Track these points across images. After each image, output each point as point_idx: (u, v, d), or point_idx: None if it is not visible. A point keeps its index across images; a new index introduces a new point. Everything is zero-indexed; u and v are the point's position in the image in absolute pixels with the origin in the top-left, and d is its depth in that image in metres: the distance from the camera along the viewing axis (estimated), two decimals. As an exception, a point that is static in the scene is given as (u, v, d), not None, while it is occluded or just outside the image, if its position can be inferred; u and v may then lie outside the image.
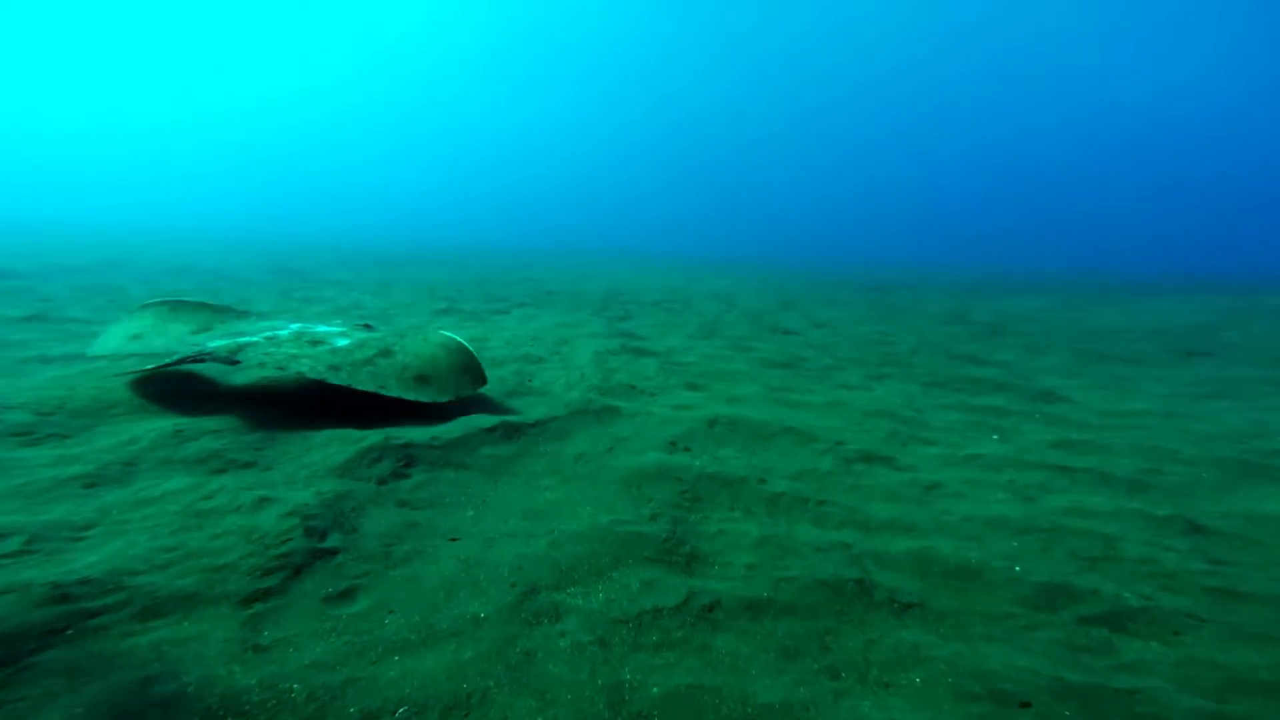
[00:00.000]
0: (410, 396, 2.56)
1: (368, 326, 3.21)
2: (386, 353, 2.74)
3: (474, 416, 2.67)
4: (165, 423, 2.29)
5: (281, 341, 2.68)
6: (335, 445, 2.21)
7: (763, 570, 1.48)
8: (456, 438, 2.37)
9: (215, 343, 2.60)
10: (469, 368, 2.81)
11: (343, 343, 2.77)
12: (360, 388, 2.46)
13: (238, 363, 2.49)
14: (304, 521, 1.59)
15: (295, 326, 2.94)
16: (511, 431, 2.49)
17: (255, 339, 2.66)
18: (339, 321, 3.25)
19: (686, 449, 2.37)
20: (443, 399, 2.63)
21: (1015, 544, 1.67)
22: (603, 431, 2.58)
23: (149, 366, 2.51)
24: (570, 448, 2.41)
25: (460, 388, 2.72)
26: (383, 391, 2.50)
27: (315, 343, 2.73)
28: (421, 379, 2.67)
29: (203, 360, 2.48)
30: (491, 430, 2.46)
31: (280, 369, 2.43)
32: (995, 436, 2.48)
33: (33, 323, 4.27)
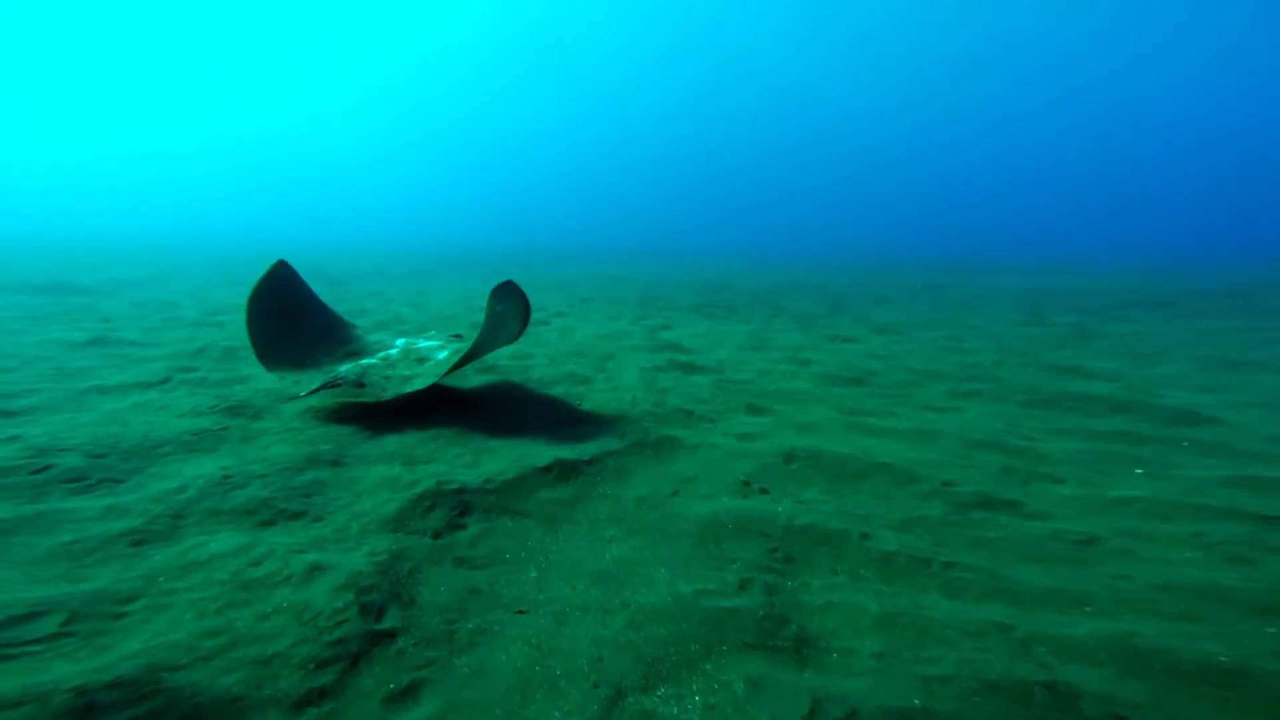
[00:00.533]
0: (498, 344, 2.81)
1: (458, 337, 3.47)
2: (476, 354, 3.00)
3: (527, 451, 2.53)
4: (213, 465, 2.23)
5: (394, 362, 3.04)
6: (385, 491, 2.10)
7: (899, 663, 1.25)
8: (511, 479, 2.22)
9: (343, 367, 3.02)
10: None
11: (443, 355, 3.09)
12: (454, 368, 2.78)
13: (364, 386, 2.83)
14: (359, 597, 1.45)
15: (401, 343, 3.29)
16: (567, 471, 2.33)
17: (373, 360, 3.05)
18: (434, 333, 3.55)
19: (763, 491, 2.15)
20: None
21: (1273, 630, 1.30)
22: (664, 469, 2.39)
23: (303, 393, 2.82)
24: (631, 489, 2.23)
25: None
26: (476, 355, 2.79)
27: (421, 359, 3.08)
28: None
29: (337, 385, 2.84)
30: (547, 470, 2.30)
31: (400, 392, 2.76)
32: (1139, 471, 2.16)
33: (92, 347, 4.40)
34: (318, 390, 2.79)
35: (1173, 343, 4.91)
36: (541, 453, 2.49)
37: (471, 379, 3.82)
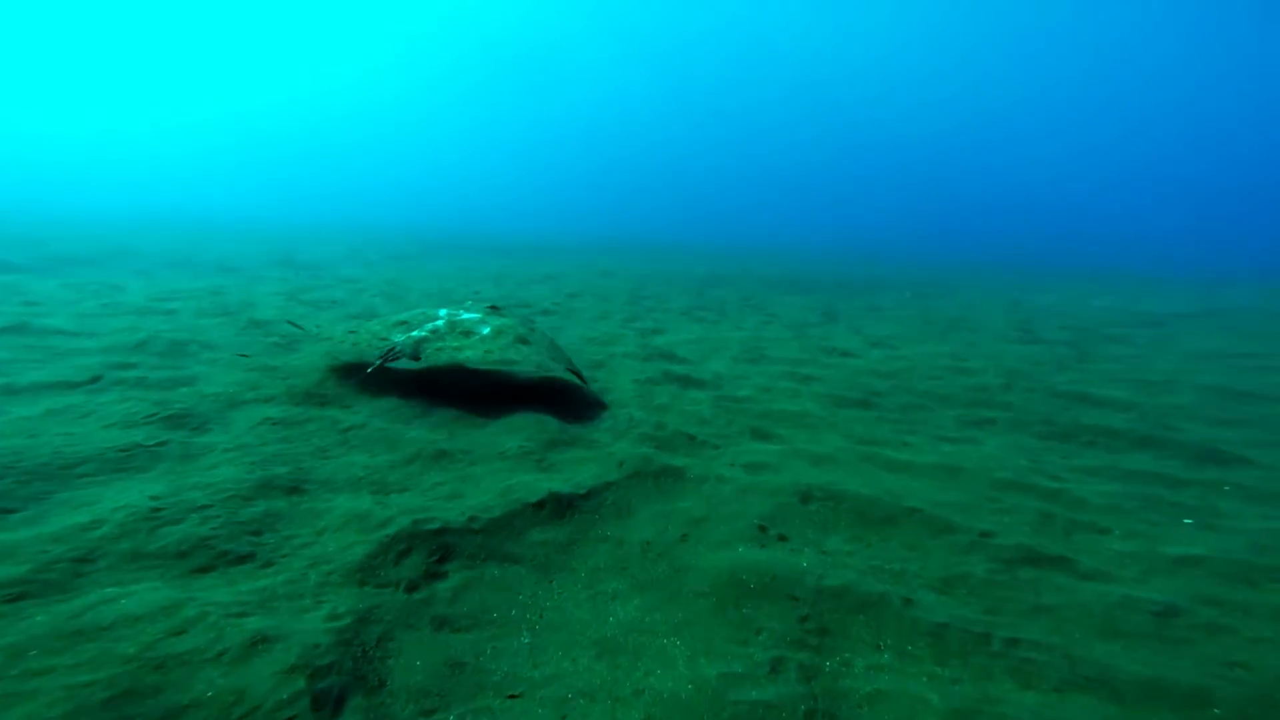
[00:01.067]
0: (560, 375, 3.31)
1: (494, 309, 3.67)
2: (524, 340, 3.32)
3: (515, 480, 2.29)
4: (141, 493, 1.92)
5: (443, 334, 3.28)
6: (352, 531, 1.83)
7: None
8: (498, 517, 1.98)
9: (398, 337, 3.23)
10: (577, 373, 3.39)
11: (486, 330, 3.34)
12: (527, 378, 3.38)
13: (419, 358, 3.09)
14: (313, 682, 1.20)
15: (444, 313, 3.52)
16: (562, 507, 2.10)
17: (423, 333, 3.26)
18: (470, 303, 3.76)
19: (781, 538, 1.96)
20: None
21: None
22: (669, 506, 2.18)
23: (369, 370, 3.15)
24: (634, 531, 2.01)
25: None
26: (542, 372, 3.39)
27: (467, 333, 3.31)
28: (555, 358, 3.29)
29: (397, 358, 3.07)
30: (539, 506, 2.07)
31: (451, 362, 3.19)
32: (1188, 521, 2.03)
33: (10, 335, 3.96)
34: (380, 363, 3.05)
35: (1171, 368, 4.91)
36: (532, 483, 2.25)
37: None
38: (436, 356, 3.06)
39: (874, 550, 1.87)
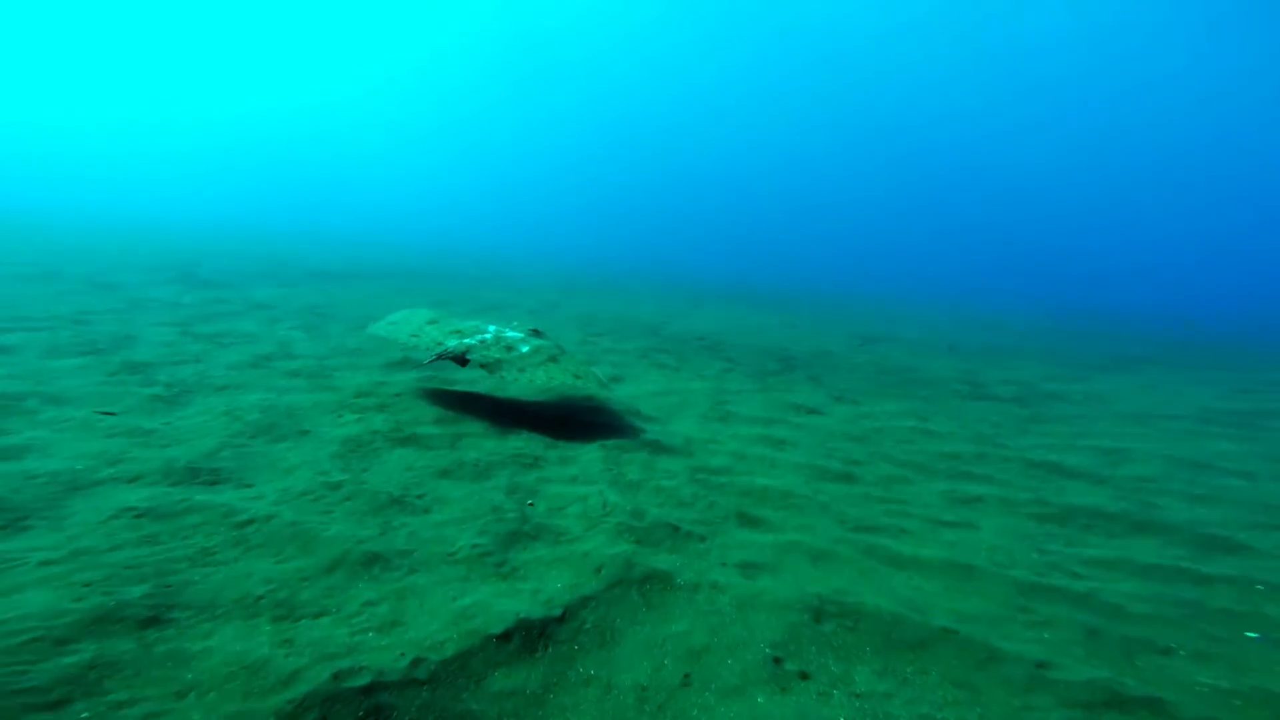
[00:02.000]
0: (588, 390, 3.74)
1: (536, 333, 4.20)
2: (555, 358, 3.83)
3: (470, 595, 1.89)
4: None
5: (489, 345, 3.82)
6: (234, 697, 1.38)
7: None
8: (451, 658, 1.59)
9: (451, 342, 3.83)
10: (603, 383, 3.89)
11: (525, 349, 3.85)
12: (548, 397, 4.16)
13: (467, 361, 3.66)
14: None
15: (492, 329, 4.09)
16: (532, 636, 1.72)
17: (472, 342, 3.83)
18: (517, 324, 4.31)
19: (803, 675, 1.68)
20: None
21: None
22: (661, 630, 1.85)
23: (425, 362, 3.78)
24: (624, 669, 1.67)
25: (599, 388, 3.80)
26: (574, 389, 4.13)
27: (509, 348, 3.83)
28: (577, 375, 3.73)
29: (447, 358, 3.65)
30: (505, 638, 1.68)
31: (489, 367, 3.61)
32: (1254, 635, 1.92)
33: None
34: (434, 361, 3.67)
35: (1118, 431, 5.17)
36: (493, 601, 1.86)
37: (386, 451, 3.08)
38: (482, 359, 3.66)
39: (914, 689, 1.62)
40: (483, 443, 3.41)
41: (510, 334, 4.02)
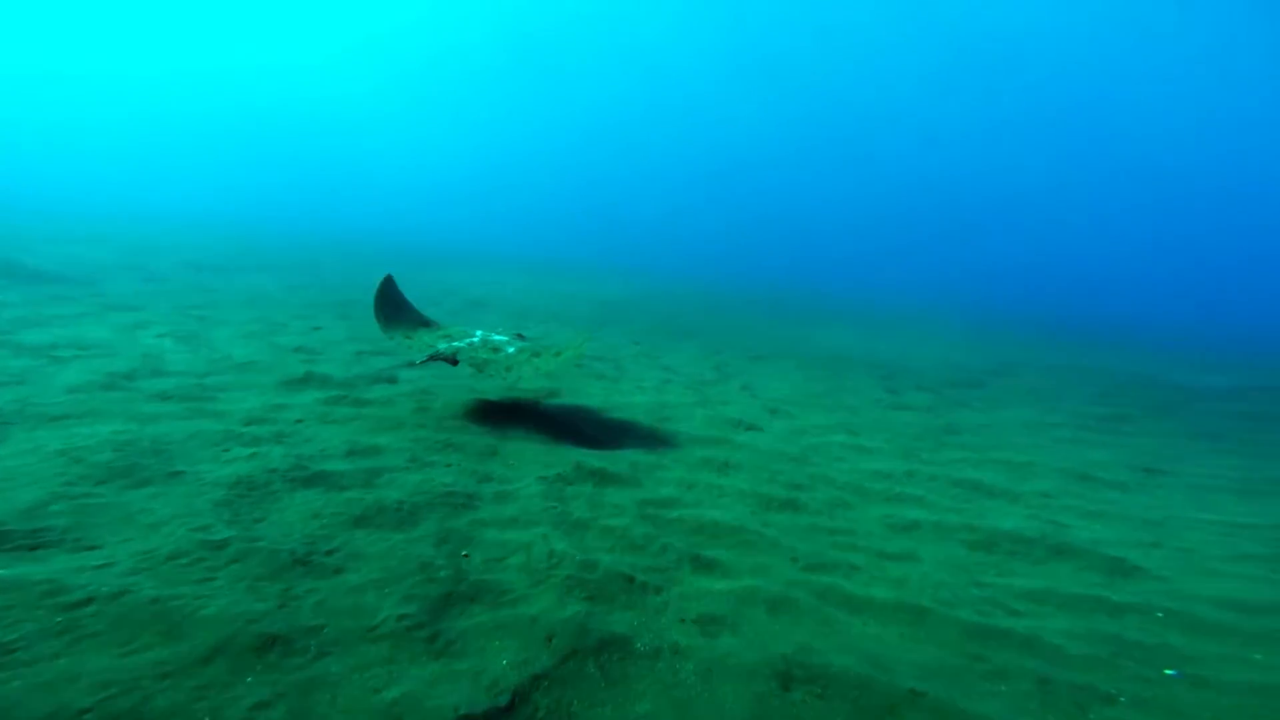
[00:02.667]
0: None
1: (521, 337, 4.53)
2: (537, 354, 4.10)
3: (402, 695, 1.65)
4: None
5: (477, 348, 4.08)
6: None
7: None
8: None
9: (441, 345, 4.11)
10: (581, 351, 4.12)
11: (511, 350, 4.12)
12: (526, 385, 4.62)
13: (457, 362, 3.92)
14: None
15: (479, 334, 4.39)
16: (484, 741, 1.53)
17: (461, 344, 4.11)
18: (501, 328, 4.82)
19: (778, 757, 1.61)
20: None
21: None
22: (623, 713, 1.72)
23: (418, 362, 3.89)
24: (590, 767, 1.52)
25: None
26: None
27: (495, 349, 4.10)
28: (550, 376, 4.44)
29: (439, 359, 3.87)
30: (450, 750, 1.48)
31: (478, 366, 3.84)
32: (1171, 673, 2.07)
33: None
34: (426, 361, 3.84)
35: (1020, 442, 5.66)
36: (425, 691, 1.66)
37: (287, 495, 2.71)
38: (470, 359, 3.92)
39: (886, 766, 1.60)
40: (405, 478, 3.11)
41: (496, 337, 4.40)
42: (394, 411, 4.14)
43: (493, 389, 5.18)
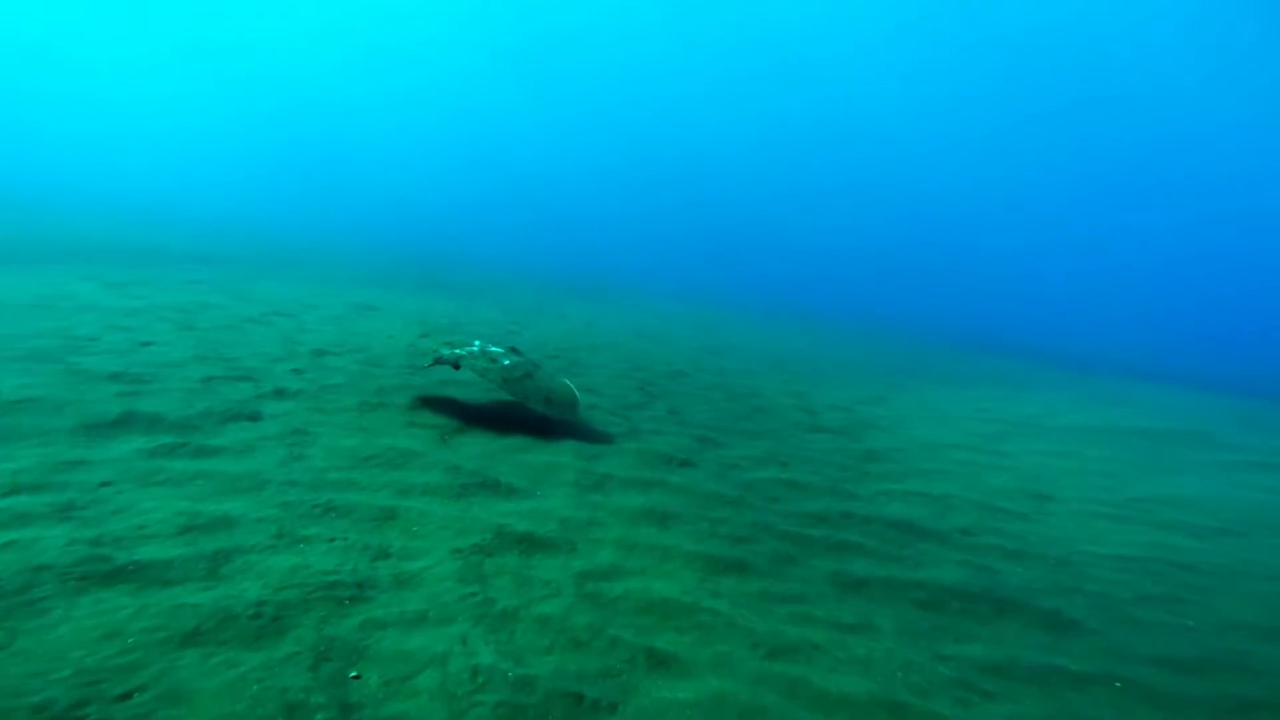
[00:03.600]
0: (539, 410, 4.57)
1: (514, 350, 5.09)
2: (530, 375, 4.81)
3: None
4: None
5: (476, 356, 4.76)
6: None
7: None
8: None
9: (445, 351, 4.75)
10: (575, 404, 4.82)
11: (506, 362, 4.79)
12: (526, 401, 4.57)
13: (459, 368, 4.66)
14: None
15: (478, 344, 5.01)
16: None
17: (462, 353, 4.75)
18: (495, 344, 5.21)
19: None
20: (555, 416, 4.65)
21: None
22: None
23: (424, 366, 4.95)
24: None
25: (567, 411, 4.71)
26: (525, 403, 4.58)
27: (493, 360, 4.77)
28: (549, 400, 4.65)
29: (443, 364, 4.61)
30: None
31: (480, 372, 4.57)
32: None
33: None
34: (430, 366, 4.80)
35: (927, 469, 5.93)
36: None
37: (63, 607, 2.02)
38: (472, 366, 4.57)
39: None
40: (269, 563, 2.48)
41: (493, 349, 4.93)
42: (254, 464, 3.38)
43: (390, 421, 4.50)
